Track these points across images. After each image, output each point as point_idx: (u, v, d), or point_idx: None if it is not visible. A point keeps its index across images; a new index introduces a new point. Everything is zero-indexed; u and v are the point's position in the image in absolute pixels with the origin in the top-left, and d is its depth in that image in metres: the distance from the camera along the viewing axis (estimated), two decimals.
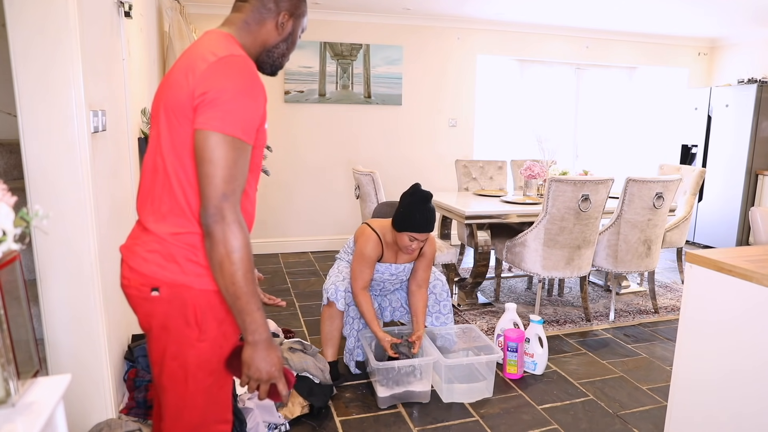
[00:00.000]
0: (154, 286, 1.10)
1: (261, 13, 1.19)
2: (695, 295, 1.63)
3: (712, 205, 5.53)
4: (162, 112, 1.09)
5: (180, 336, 1.11)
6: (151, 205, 1.13)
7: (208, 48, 1.09)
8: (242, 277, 1.02)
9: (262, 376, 1.08)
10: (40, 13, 1.62)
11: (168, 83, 1.11)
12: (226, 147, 1.02)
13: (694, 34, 5.68)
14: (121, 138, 2.32)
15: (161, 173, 1.10)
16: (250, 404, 2.11)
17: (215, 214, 1.01)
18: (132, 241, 1.17)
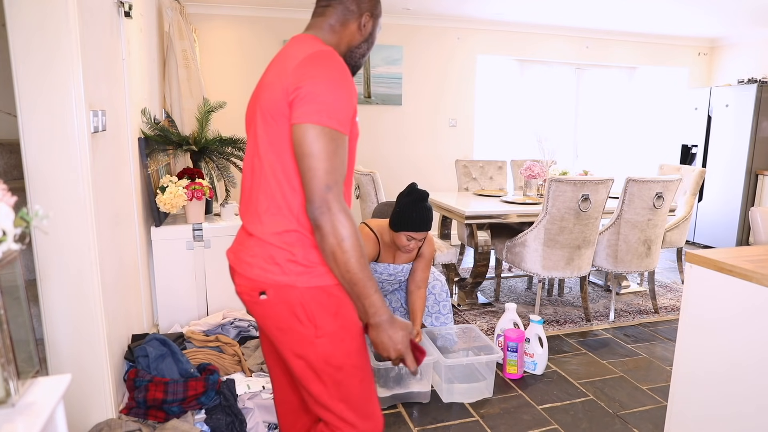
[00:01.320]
0: (261, 289, 1.12)
1: (345, 15, 1.23)
2: (695, 295, 1.63)
3: (712, 205, 5.53)
4: (258, 114, 1.13)
5: (297, 335, 1.12)
6: (251, 209, 1.16)
7: (297, 49, 1.13)
8: (356, 263, 1.05)
9: (390, 354, 1.11)
10: (40, 13, 1.62)
11: (262, 86, 1.15)
12: (325, 139, 1.04)
13: (694, 34, 5.68)
14: (121, 138, 2.32)
15: (258, 174, 1.13)
16: (250, 404, 2.11)
17: (321, 206, 1.04)
18: (237, 247, 1.20)
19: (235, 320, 2.64)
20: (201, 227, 2.72)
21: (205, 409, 2.05)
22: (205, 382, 2.06)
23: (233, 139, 2.94)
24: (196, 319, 2.74)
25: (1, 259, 0.78)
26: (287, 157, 1.09)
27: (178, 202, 2.58)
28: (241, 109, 4.80)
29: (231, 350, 2.40)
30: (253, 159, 1.15)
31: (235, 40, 4.75)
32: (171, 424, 1.93)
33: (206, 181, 2.78)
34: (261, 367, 2.33)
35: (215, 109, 2.97)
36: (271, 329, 1.14)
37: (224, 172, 2.94)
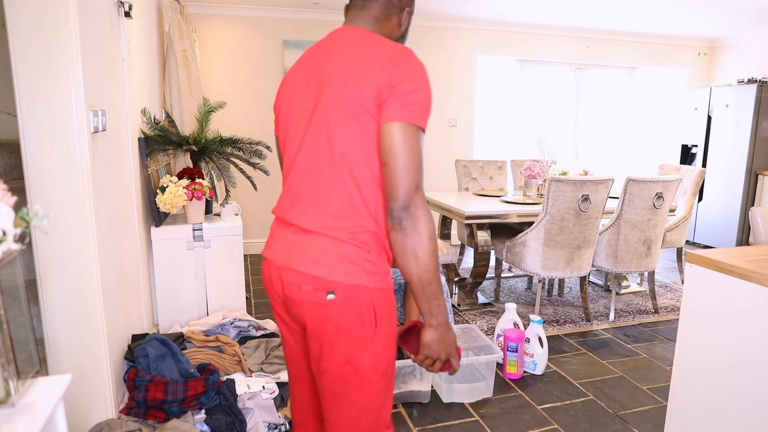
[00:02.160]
0: (330, 289, 1.07)
1: (388, 9, 1.20)
2: (695, 295, 1.63)
3: (712, 205, 5.53)
4: (330, 111, 1.07)
5: (354, 338, 1.09)
6: (315, 207, 1.10)
7: (372, 44, 1.10)
8: (435, 263, 1.05)
9: (441, 357, 1.11)
10: (40, 13, 1.62)
11: (328, 82, 1.09)
12: (417, 139, 1.04)
13: (694, 34, 5.68)
14: (121, 138, 2.32)
15: (328, 173, 1.08)
16: (250, 404, 2.11)
17: (409, 206, 1.03)
18: (285, 246, 1.14)
19: (235, 320, 2.64)
20: (201, 227, 2.72)
21: (205, 409, 2.05)
22: (205, 382, 2.06)
23: (233, 139, 2.93)
24: (196, 319, 2.74)
25: (1, 259, 0.78)
26: (368, 155, 1.06)
27: (178, 202, 2.58)
28: (241, 109, 4.81)
29: (231, 350, 2.40)
30: (318, 156, 1.09)
31: (235, 40, 4.75)
32: (171, 424, 1.93)
33: (206, 181, 2.78)
34: (261, 367, 2.34)
35: (215, 109, 2.97)
36: (327, 331, 1.09)
37: (224, 172, 2.94)
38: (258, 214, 5.02)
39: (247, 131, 4.76)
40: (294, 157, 1.15)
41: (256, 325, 2.68)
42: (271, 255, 1.16)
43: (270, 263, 1.17)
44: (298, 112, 1.16)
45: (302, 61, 1.21)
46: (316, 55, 1.17)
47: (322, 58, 1.14)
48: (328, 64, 1.12)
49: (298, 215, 1.13)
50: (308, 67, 1.17)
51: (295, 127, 1.16)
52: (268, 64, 4.84)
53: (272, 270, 1.16)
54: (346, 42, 1.13)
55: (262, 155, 3.00)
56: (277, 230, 1.19)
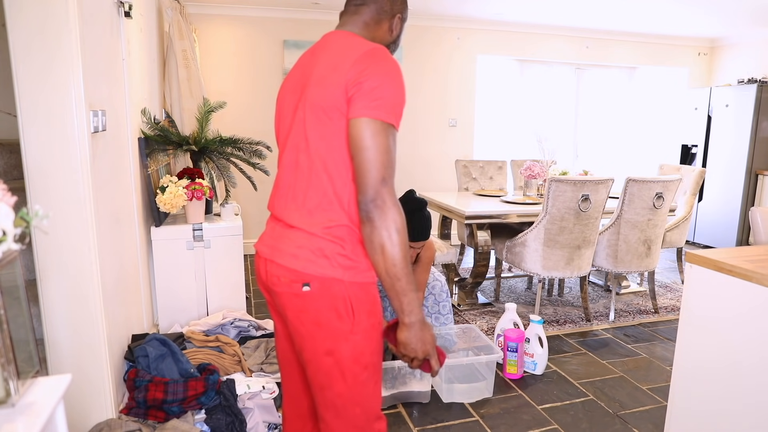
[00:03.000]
0: (305, 281, 1.10)
1: (379, 15, 1.25)
2: (695, 295, 1.63)
3: (712, 205, 5.53)
4: (306, 110, 1.12)
5: (333, 331, 1.11)
6: (294, 202, 1.15)
7: (346, 45, 1.13)
8: (402, 258, 1.06)
9: (417, 355, 1.11)
10: (40, 13, 1.62)
11: (307, 83, 1.13)
12: (383, 134, 1.05)
13: (694, 34, 5.68)
14: (121, 138, 2.32)
15: (305, 170, 1.12)
16: (250, 404, 2.11)
17: (375, 199, 1.04)
18: (273, 239, 1.18)
19: (235, 320, 2.64)
20: (201, 227, 2.72)
21: (205, 409, 2.05)
22: (205, 382, 2.06)
23: (233, 139, 2.94)
24: (196, 319, 2.74)
25: (1, 259, 0.78)
26: (341, 152, 1.09)
27: (178, 202, 2.58)
28: (240, 109, 4.81)
29: (231, 350, 2.40)
30: (297, 155, 1.14)
31: (235, 40, 4.75)
32: (171, 424, 1.93)
33: (206, 181, 2.78)
34: (261, 367, 2.34)
35: (215, 109, 2.97)
36: (306, 323, 1.12)
37: (224, 172, 2.94)
38: (258, 214, 5.02)
39: (247, 131, 4.76)
40: (281, 156, 1.20)
41: (256, 325, 2.68)
42: (260, 247, 1.20)
43: (259, 255, 1.21)
44: (285, 114, 1.21)
45: (296, 65, 1.26)
46: (305, 58, 1.22)
47: (309, 62, 1.18)
48: (311, 66, 1.16)
49: (283, 211, 1.17)
50: (298, 71, 1.22)
51: (283, 129, 1.21)
52: (268, 64, 4.84)
53: (260, 262, 1.20)
54: (330, 45, 1.17)
55: (262, 155, 3.00)
56: (269, 224, 1.24)
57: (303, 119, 1.13)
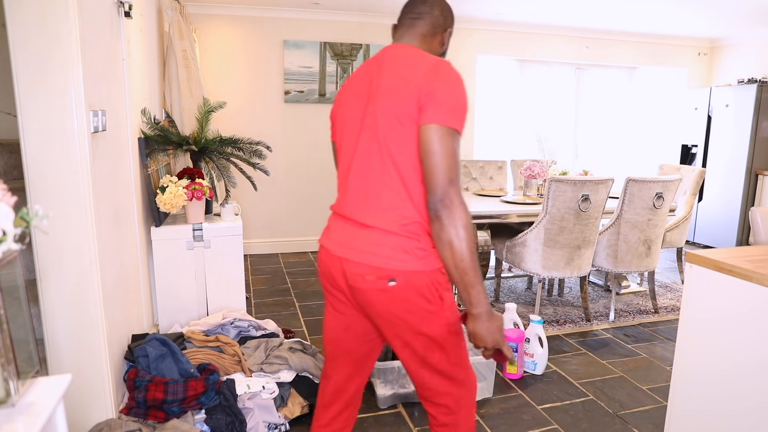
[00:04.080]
0: (391, 277, 1.20)
1: (434, 28, 1.35)
2: (695, 295, 1.63)
3: (712, 205, 5.53)
4: (379, 118, 1.22)
5: (425, 314, 1.23)
6: (367, 203, 1.24)
7: (413, 57, 1.25)
8: (469, 253, 1.15)
9: (487, 344, 1.20)
10: (40, 14, 1.62)
11: (377, 92, 1.24)
12: (450, 139, 1.16)
13: (694, 34, 5.68)
14: (121, 138, 2.32)
15: (378, 173, 1.23)
16: (250, 404, 2.11)
17: (444, 199, 1.14)
18: (346, 238, 1.27)
19: (235, 320, 2.64)
20: (201, 227, 2.72)
21: (205, 409, 2.05)
22: (205, 382, 2.06)
23: (233, 139, 2.94)
24: (196, 319, 2.75)
25: (1, 259, 0.78)
26: (412, 155, 1.20)
27: (178, 202, 2.58)
28: (241, 109, 4.81)
29: (231, 350, 2.40)
30: (369, 158, 1.24)
31: (235, 40, 4.75)
32: (171, 424, 1.93)
33: (206, 181, 2.78)
34: (261, 367, 2.34)
35: (215, 109, 2.97)
36: (396, 313, 1.23)
37: (224, 172, 2.94)
38: (258, 214, 5.02)
39: (247, 131, 4.76)
40: (350, 161, 1.29)
41: (256, 325, 2.68)
42: (332, 246, 1.29)
43: (330, 253, 1.29)
44: (351, 121, 1.30)
45: (357, 75, 1.35)
46: (369, 69, 1.31)
47: (374, 72, 1.29)
48: (377, 78, 1.26)
49: (356, 211, 1.26)
50: (361, 81, 1.31)
51: (349, 135, 1.30)
52: (268, 64, 4.84)
53: (333, 260, 1.29)
54: (394, 57, 1.27)
55: (262, 155, 3.00)
56: (336, 224, 1.32)
57: (375, 126, 1.23)
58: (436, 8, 1.36)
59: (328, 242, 1.31)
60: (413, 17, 1.35)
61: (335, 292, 1.33)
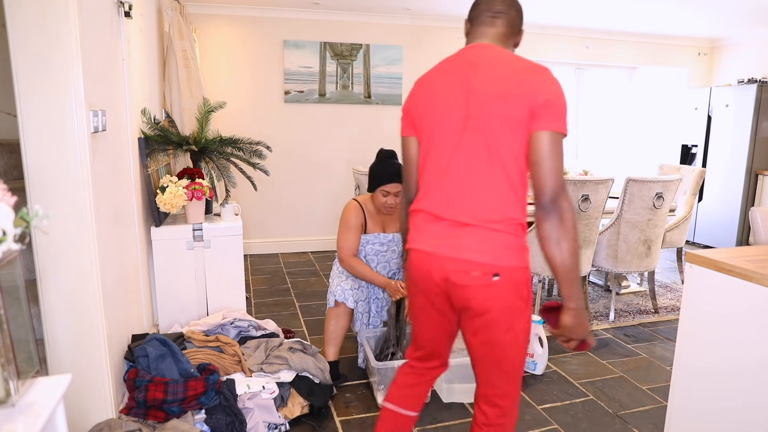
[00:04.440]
0: (495, 272, 1.25)
1: (512, 29, 1.39)
2: (695, 295, 1.63)
3: (712, 205, 5.53)
4: (488, 122, 1.25)
5: (515, 310, 1.29)
6: (471, 203, 1.28)
7: (514, 61, 1.29)
8: (576, 250, 1.23)
9: (578, 337, 1.28)
10: (40, 13, 1.62)
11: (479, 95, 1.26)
12: (560, 143, 1.24)
13: (694, 34, 5.68)
14: (121, 138, 2.32)
15: (484, 174, 1.27)
16: (250, 404, 2.11)
17: (555, 199, 1.22)
18: (444, 238, 1.30)
19: (235, 320, 2.64)
20: (201, 227, 2.72)
21: (205, 409, 2.05)
22: (205, 382, 2.06)
23: (233, 139, 2.93)
24: (196, 319, 2.74)
25: (1, 259, 0.78)
26: (520, 158, 1.26)
27: (178, 202, 2.58)
28: (241, 109, 4.81)
29: (231, 350, 2.40)
30: (472, 160, 1.27)
31: (235, 40, 4.75)
32: (171, 424, 1.93)
33: (206, 181, 2.78)
34: (261, 367, 2.33)
35: (215, 109, 2.97)
36: (494, 308, 1.27)
37: (224, 172, 2.94)
38: (258, 214, 5.02)
39: (247, 131, 4.75)
40: (448, 161, 1.31)
41: (256, 325, 2.68)
42: (429, 247, 1.32)
43: (428, 254, 1.32)
44: (446, 122, 1.31)
45: (444, 73, 1.36)
46: (460, 68, 1.33)
47: (469, 73, 1.30)
48: (476, 78, 1.29)
49: (456, 211, 1.29)
50: (453, 79, 1.33)
51: (444, 135, 1.32)
52: (268, 64, 4.84)
53: (431, 259, 1.31)
54: (490, 59, 1.31)
55: (262, 155, 3.00)
56: (426, 224, 1.34)
57: (482, 129, 1.26)
58: (513, 9, 1.39)
59: (423, 244, 1.33)
60: (491, 16, 1.37)
61: (432, 289, 1.35)
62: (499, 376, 1.36)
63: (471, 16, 1.41)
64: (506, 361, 1.34)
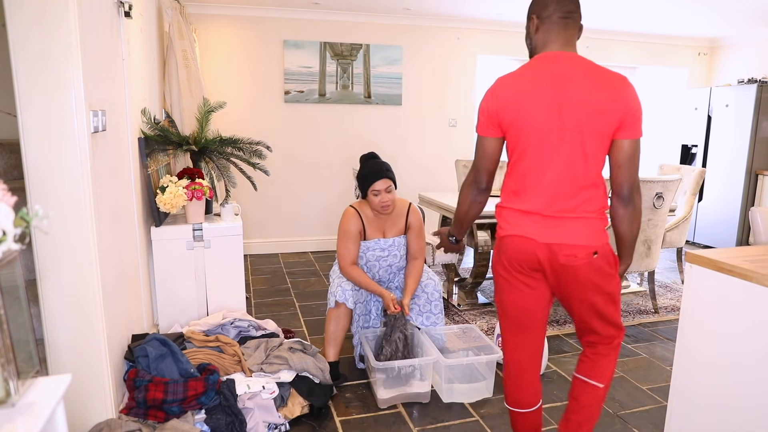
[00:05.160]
0: (595, 251, 1.52)
1: (579, 29, 1.55)
2: (695, 295, 1.63)
3: (712, 205, 5.53)
4: (586, 133, 1.47)
5: (609, 276, 1.57)
6: (573, 199, 1.51)
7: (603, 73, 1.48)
8: (639, 228, 1.62)
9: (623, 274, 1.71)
10: (40, 13, 1.62)
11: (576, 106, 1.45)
12: (639, 147, 1.52)
13: (694, 34, 5.68)
14: (121, 138, 2.32)
15: (581, 175, 1.50)
16: (250, 404, 2.11)
17: (635, 191, 1.55)
18: (552, 228, 1.53)
19: (235, 320, 2.64)
20: (201, 227, 2.72)
21: (205, 409, 2.05)
22: (205, 382, 2.06)
23: (233, 139, 2.93)
24: (196, 319, 2.74)
25: (1, 259, 0.78)
26: (604, 160, 1.53)
27: (178, 202, 2.58)
28: (241, 110, 4.81)
29: (231, 350, 2.40)
30: (573, 163, 1.49)
31: (235, 40, 4.75)
32: (171, 424, 1.93)
33: (206, 181, 2.78)
34: (261, 367, 2.33)
35: (215, 109, 2.97)
36: (595, 279, 1.54)
37: (224, 172, 2.94)
38: (258, 214, 5.02)
39: (247, 131, 4.75)
40: (549, 165, 1.50)
41: (256, 325, 2.68)
42: (536, 236, 1.54)
43: (536, 241, 1.54)
44: (545, 130, 1.48)
45: (536, 82, 1.48)
46: (552, 80, 1.46)
47: (562, 84, 1.46)
48: (573, 93, 1.45)
49: (559, 207, 1.52)
50: (548, 91, 1.46)
51: (543, 142, 1.49)
52: (268, 64, 4.84)
53: (539, 246, 1.54)
54: (581, 72, 1.47)
55: (262, 155, 3.00)
56: (530, 219, 1.55)
57: (581, 140, 1.47)
58: (580, 9, 1.52)
59: (530, 233, 1.54)
60: (563, 16, 1.50)
61: (531, 272, 1.59)
62: (606, 325, 1.63)
63: (541, 14, 1.51)
64: (608, 314, 1.61)
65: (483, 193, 1.75)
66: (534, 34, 1.55)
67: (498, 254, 1.66)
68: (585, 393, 1.69)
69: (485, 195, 1.76)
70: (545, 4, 1.50)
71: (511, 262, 1.60)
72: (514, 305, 1.66)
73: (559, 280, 1.58)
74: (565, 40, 1.50)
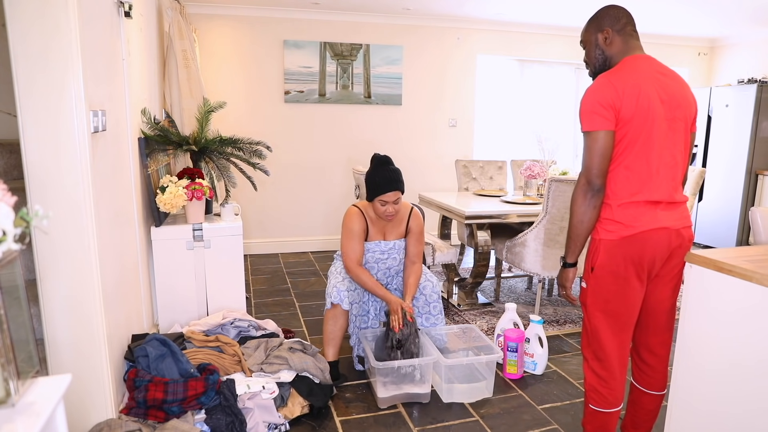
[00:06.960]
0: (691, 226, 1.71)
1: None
2: (695, 295, 1.63)
3: (712, 205, 5.53)
4: (680, 125, 1.65)
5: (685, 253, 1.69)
6: (678, 188, 1.69)
7: (678, 75, 1.69)
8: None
9: None
10: (40, 14, 1.62)
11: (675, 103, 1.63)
12: None
13: (694, 34, 5.68)
14: (121, 138, 2.32)
15: (681, 165, 1.68)
16: (250, 404, 2.11)
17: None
18: (674, 214, 1.66)
19: (235, 320, 2.64)
20: (201, 227, 2.72)
21: (205, 409, 2.05)
22: (205, 382, 2.06)
23: (233, 139, 2.93)
24: (196, 319, 2.75)
25: (1, 259, 0.78)
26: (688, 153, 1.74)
27: (178, 202, 2.58)
28: (241, 109, 4.81)
29: (231, 350, 2.40)
30: (675, 153, 1.65)
31: (235, 40, 4.75)
32: (171, 424, 1.93)
33: (206, 181, 2.78)
34: (261, 367, 2.34)
35: (215, 109, 2.97)
36: (683, 255, 1.67)
37: (224, 172, 2.94)
38: (258, 214, 5.02)
39: (247, 131, 4.75)
40: (660, 156, 1.62)
41: (256, 325, 2.68)
42: (668, 223, 1.64)
43: (667, 229, 1.64)
44: (658, 117, 1.60)
45: (646, 79, 1.61)
46: (655, 77, 1.62)
47: (660, 83, 1.62)
48: (671, 88, 1.63)
49: (670, 194, 1.65)
50: (651, 80, 1.61)
51: (653, 133, 1.60)
52: (268, 64, 4.84)
53: (670, 234, 1.64)
54: (665, 69, 1.68)
55: (262, 155, 3.00)
56: (656, 207, 1.64)
57: (679, 130, 1.65)
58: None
59: (664, 222, 1.63)
60: (633, 29, 1.71)
61: (647, 267, 1.67)
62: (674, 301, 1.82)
63: (615, 27, 1.69)
64: (674, 309, 1.81)
65: (598, 195, 1.66)
66: (607, 45, 1.71)
67: (614, 255, 1.65)
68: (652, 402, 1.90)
69: (600, 197, 1.67)
70: (617, 17, 1.69)
71: (637, 260, 1.65)
72: (627, 305, 1.72)
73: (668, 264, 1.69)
74: (640, 46, 1.70)
